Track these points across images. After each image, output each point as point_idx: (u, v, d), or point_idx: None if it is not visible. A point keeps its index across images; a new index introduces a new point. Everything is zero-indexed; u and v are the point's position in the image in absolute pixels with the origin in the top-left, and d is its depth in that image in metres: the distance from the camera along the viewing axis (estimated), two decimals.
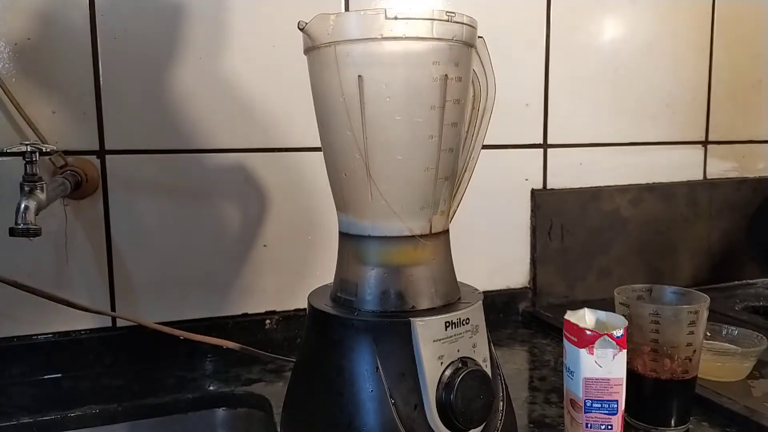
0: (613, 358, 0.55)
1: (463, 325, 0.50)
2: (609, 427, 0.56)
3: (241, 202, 0.85)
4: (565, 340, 0.58)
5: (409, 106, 0.48)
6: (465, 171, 0.58)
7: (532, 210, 1.02)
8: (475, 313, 0.52)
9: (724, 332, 0.78)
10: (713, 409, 0.66)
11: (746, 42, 1.17)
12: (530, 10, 0.99)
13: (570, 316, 0.58)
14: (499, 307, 1.01)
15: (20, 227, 0.59)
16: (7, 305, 0.76)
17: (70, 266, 0.78)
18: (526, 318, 1.01)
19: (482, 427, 0.50)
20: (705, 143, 1.16)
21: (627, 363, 0.56)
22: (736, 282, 1.18)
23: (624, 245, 1.08)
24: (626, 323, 0.57)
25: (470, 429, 0.49)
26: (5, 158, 0.73)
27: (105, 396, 0.73)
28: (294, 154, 0.86)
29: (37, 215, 0.61)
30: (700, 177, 1.17)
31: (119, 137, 0.79)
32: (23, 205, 0.60)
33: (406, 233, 0.51)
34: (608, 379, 0.55)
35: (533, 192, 1.02)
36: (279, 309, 0.88)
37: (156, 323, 0.77)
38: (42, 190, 0.63)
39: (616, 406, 0.56)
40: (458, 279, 0.56)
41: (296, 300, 0.88)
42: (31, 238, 0.59)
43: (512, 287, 1.03)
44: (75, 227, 0.78)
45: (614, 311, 0.62)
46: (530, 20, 0.99)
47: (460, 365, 0.49)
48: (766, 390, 0.71)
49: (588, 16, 1.04)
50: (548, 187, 1.03)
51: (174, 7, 0.79)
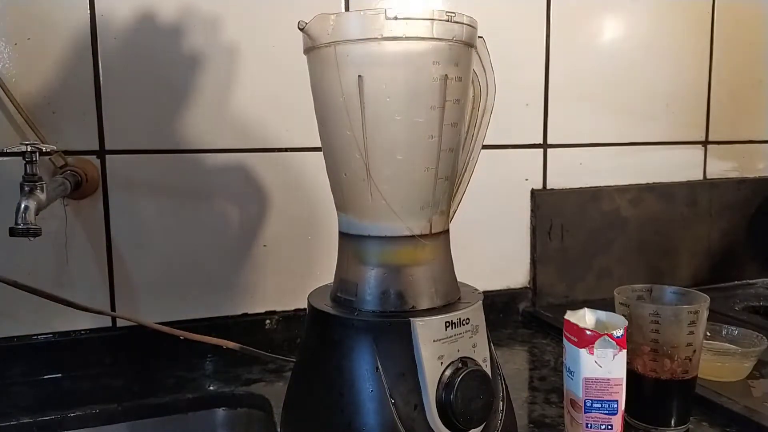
0: (613, 358, 0.55)
1: (463, 325, 0.50)
2: (609, 427, 0.56)
3: (241, 202, 0.85)
4: (565, 340, 0.58)
5: (409, 106, 0.48)
6: (465, 171, 0.58)
7: (532, 210, 1.02)
8: (475, 313, 0.52)
9: (724, 332, 0.78)
10: (713, 409, 0.66)
11: (746, 42, 1.17)
12: (530, 10, 0.99)
13: (570, 316, 0.58)
14: (499, 307, 1.01)
15: (20, 227, 0.59)
16: (7, 305, 0.76)
17: (70, 266, 0.78)
18: (526, 318, 1.01)
19: (482, 427, 0.50)
20: (705, 143, 1.16)
21: (627, 363, 0.56)
22: (736, 282, 1.18)
23: (624, 245, 1.08)
24: (626, 323, 0.57)
25: (470, 429, 0.49)
26: (5, 158, 0.73)
27: (105, 396, 0.73)
28: (294, 154, 0.86)
29: (37, 215, 0.61)
30: (700, 177, 1.17)
31: (119, 137, 0.79)
32: (23, 205, 0.60)
33: (406, 233, 0.51)
34: (608, 379, 0.55)
35: (533, 192, 1.02)
36: (279, 309, 0.88)
37: (156, 323, 0.77)
38: (42, 190, 0.63)
39: (616, 406, 0.56)
40: (458, 279, 0.56)
41: (296, 300, 0.88)
42: (31, 238, 0.59)
43: (512, 287, 1.03)
44: (75, 227, 0.78)
45: (614, 311, 0.62)
46: (530, 20, 0.99)
47: (460, 365, 0.49)
48: (766, 390, 0.71)
49: (588, 16, 1.04)
50: (548, 187, 1.03)
51: (174, 7, 0.79)
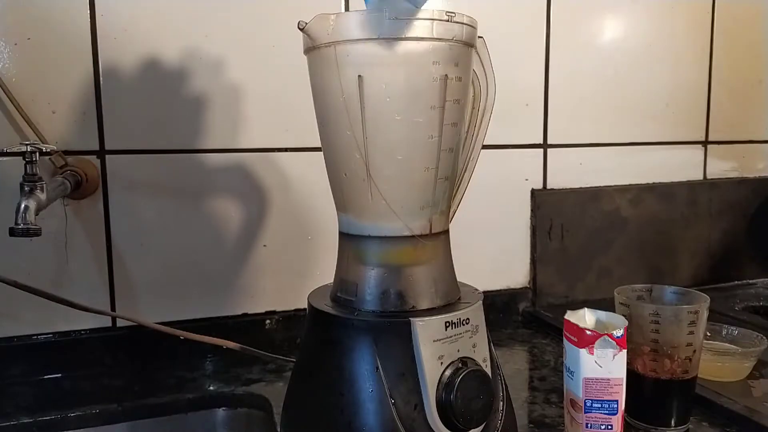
0: (613, 358, 0.55)
1: (463, 325, 0.50)
2: (609, 427, 0.56)
3: (241, 202, 0.85)
4: (565, 340, 0.58)
5: (409, 106, 0.48)
6: (465, 171, 0.58)
7: (532, 210, 1.02)
8: (475, 313, 0.52)
9: (724, 332, 0.78)
10: (713, 409, 0.66)
11: (746, 42, 1.17)
12: (530, 10, 0.99)
13: (570, 316, 0.58)
14: (499, 307, 1.01)
15: (20, 227, 0.59)
16: (7, 305, 0.76)
17: (70, 266, 0.78)
18: (526, 318, 1.01)
19: (482, 427, 0.50)
20: (705, 143, 1.16)
21: (627, 363, 0.56)
22: (736, 282, 1.18)
23: (624, 245, 1.08)
24: (626, 323, 0.57)
25: (470, 429, 0.49)
26: (5, 158, 0.73)
27: (105, 396, 0.73)
28: (294, 154, 0.86)
29: (37, 215, 0.61)
30: (700, 177, 1.17)
31: (119, 137, 0.79)
32: (23, 205, 0.60)
33: (406, 233, 0.51)
34: (608, 379, 0.55)
35: (533, 192, 1.02)
36: (279, 309, 0.88)
37: (156, 323, 0.77)
38: (42, 190, 0.63)
39: (616, 406, 0.56)
40: (458, 279, 0.56)
41: (296, 300, 0.88)
42: (31, 238, 0.59)
43: (512, 287, 1.03)
44: (75, 227, 0.78)
45: (614, 311, 0.62)
46: (530, 20, 0.99)
47: (460, 365, 0.49)
48: (766, 390, 0.71)
49: (588, 16, 1.04)
50: (548, 187, 1.03)
51: (173, 7, 0.79)
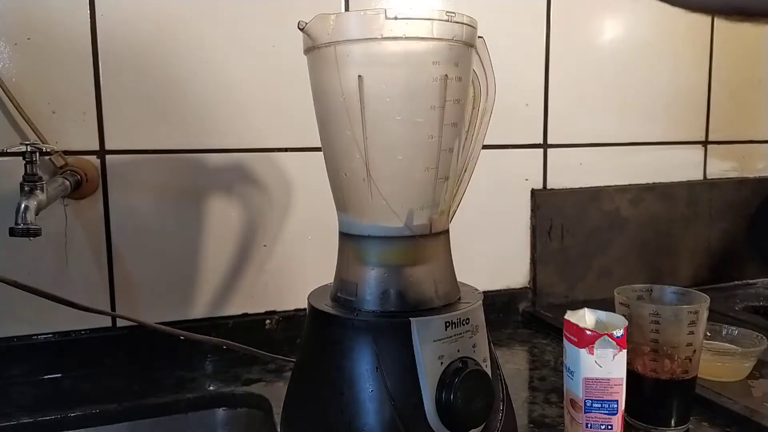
0: (613, 358, 0.55)
1: (463, 325, 0.50)
2: (609, 427, 0.56)
3: (241, 202, 0.85)
4: (565, 340, 0.58)
5: (409, 106, 0.48)
6: (465, 171, 0.58)
7: (532, 210, 1.02)
8: (475, 313, 0.52)
9: (724, 332, 0.78)
10: (713, 409, 0.66)
11: (746, 42, 1.17)
12: (530, 10, 0.99)
13: (570, 316, 0.58)
14: (499, 307, 1.01)
15: (20, 227, 0.59)
16: (7, 305, 0.76)
17: (70, 266, 0.78)
18: (526, 318, 1.01)
19: (482, 427, 0.50)
20: (705, 143, 1.16)
21: (627, 363, 0.56)
22: (736, 282, 1.18)
23: (624, 245, 1.08)
24: (626, 323, 0.57)
25: (470, 429, 0.49)
26: (5, 158, 0.73)
27: (105, 396, 0.73)
28: (293, 154, 0.86)
29: (37, 215, 0.61)
30: (700, 177, 1.17)
31: (119, 137, 0.79)
32: (23, 205, 0.60)
33: (406, 233, 0.51)
34: (608, 379, 0.55)
35: (533, 192, 1.02)
36: (279, 309, 0.88)
37: (156, 323, 0.77)
38: (42, 190, 0.63)
39: (616, 406, 0.56)
40: (458, 279, 0.56)
41: (296, 300, 0.88)
42: (31, 238, 0.59)
43: (512, 287, 1.03)
44: (75, 227, 0.78)
45: (614, 311, 0.62)
46: (530, 20, 0.99)
47: (461, 365, 0.49)
48: (766, 390, 0.71)
49: (588, 16, 1.04)
50: (548, 187, 1.03)
51: (173, 6, 0.79)
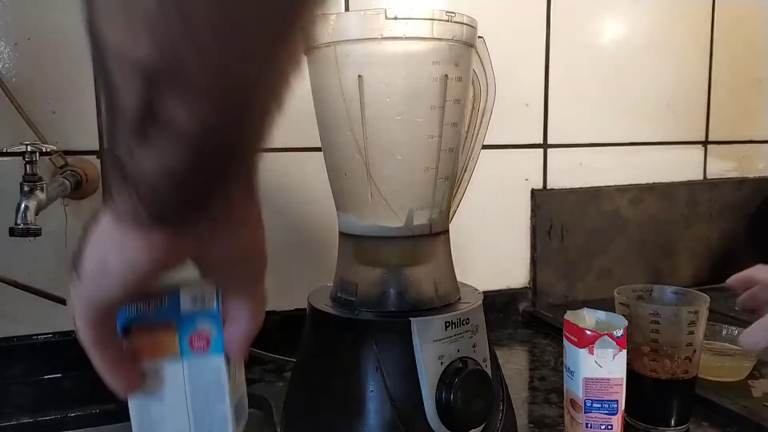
0: (613, 358, 0.55)
1: (463, 325, 0.50)
2: (609, 427, 0.56)
3: None
4: (565, 340, 0.58)
5: (409, 106, 0.48)
6: (465, 171, 0.58)
7: (532, 210, 1.02)
8: (475, 313, 0.52)
9: (724, 332, 0.78)
10: (713, 409, 0.66)
11: (746, 42, 1.17)
12: (530, 10, 0.99)
13: (570, 316, 0.58)
14: (499, 307, 1.01)
15: (20, 227, 0.59)
16: (7, 305, 0.76)
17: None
18: (526, 318, 1.01)
19: (482, 428, 0.50)
20: (705, 143, 1.16)
21: (627, 363, 0.56)
22: None
23: (624, 245, 1.08)
24: (626, 323, 0.57)
25: (470, 429, 0.49)
26: (5, 158, 0.73)
27: (105, 396, 0.72)
28: (294, 154, 0.86)
29: (37, 215, 0.61)
30: (700, 177, 1.16)
31: None
32: (23, 205, 0.60)
33: (406, 233, 0.51)
34: (608, 379, 0.55)
35: (533, 192, 1.02)
36: (279, 309, 0.88)
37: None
38: (42, 190, 0.63)
39: (616, 406, 0.56)
40: (458, 279, 0.56)
41: (296, 300, 0.88)
42: (31, 238, 0.59)
43: (512, 287, 1.02)
44: (75, 227, 0.78)
45: (614, 311, 0.61)
46: (530, 20, 0.99)
47: (460, 365, 0.49)
48: (766, 390, 0.71)
49: (588, 16, 1.03)
50: (548, 187, 1.03)
51: None
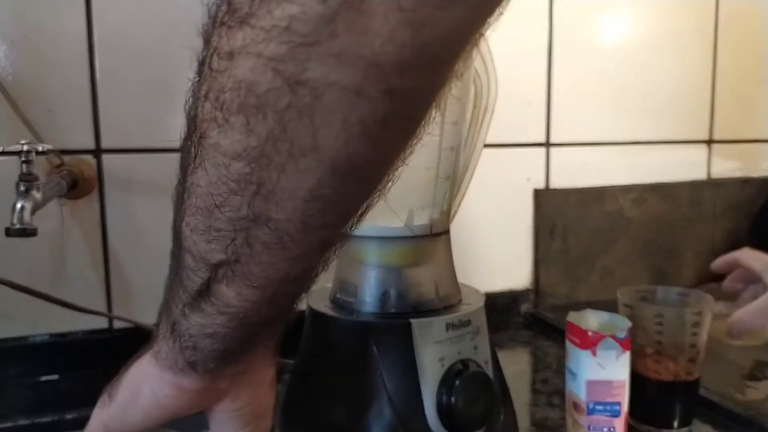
0: (616, 360, 0.55)
1: (465, 327, 0.50)
2: (612, 430, 0.55)
3: None
4: (568, 342, 0.57)
5: None
6: (466, 170, 0.58)
7: (535, 210, 1.01)
8: (477, 315, 0.51)
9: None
10: (717, 411, 0.66)
11: (750, 41, 1.16)
12: (532, 8, 0.98)
13: (572, 318, 0.58)
14: (501, 309, 1.00)
15: (16, 227, 0.58)
16: (3, 306, 0.76)
17: (67, 266, 0.78)
18: (528, 319, 1.00)
19: (483, 430, 0.50)
20: (709, 142, 1.15)
21: (630, 364, 0.55)
22: None
23: (627, 245, 1.07)
24: (629, 324, 0.57)
25: (471, 431, 0.49)
26: (1, 157, 0.72)
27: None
28: None
29: (33, 215, 0.60)
30: (704, 176, 1.16)
31: (116, 136, 0.78)
32: (19, 205, 0.59)
33: (406, 233, 0.50)
34: (611, 381, 0.55)
35: (535, 192, 1.01)
36: None
37: (153, 324, 0.76)
38: (38, 190, 0.63)
39: (619, 408, 0.55)
40: (459, 280, 0.56)
41: None
42: (27, 239, 0.59)
43: (514, 288, 1.02)
44: (71, 227, 0.78)
45: (617, 312, 0.61)
46: (532, 18, 0.99)
47: (461, 367, 0.49)
48: None
49: (591, 15, 1.03)
50: (551, 187, 1.03)
51: (171, 6, 0.79)
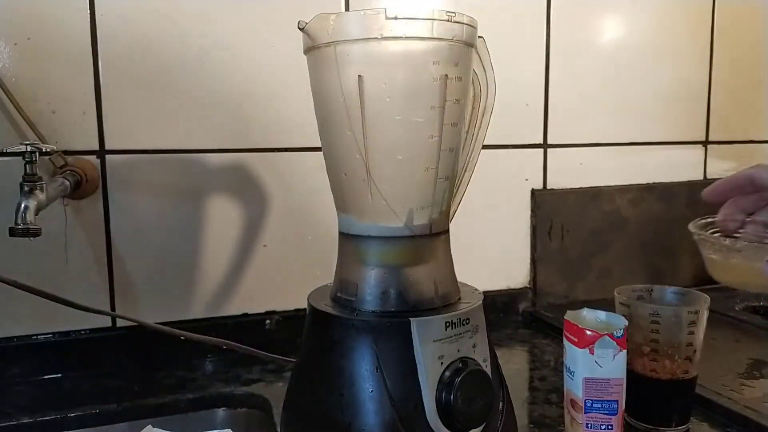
0: (614, 359, 0.55)
1: (464, 325, 0.50)
2: (609, 428, 0.56)
3: (241, 203, 0.85)
4: (566, 340, 0.58)
5: (409, 106, 0.48)
6: (465, 171, 0.58)
7: (533, 210, 1.02)
8: (476, 313, 0.52)
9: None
10: (713, 409, 0.66)
11: (746, 42, 1.17)
12: (530, 10, 0.99)
13: (570, 316, 0.58)
14: (500, 307, 1.01)
15: (20, 227, 0.59)
16: (7, 305, 0.76)
17: (70, 266, 0.78)
18: (527, 318, 1.01)
19: (482, 428, 0.50)
20: (705, 143, 1.16)
21: (627, 363, 0.56)
22: None
23: (624, 245, 1.08)
24: (626, 323, 0.57)
25: (470, 429, 0.49)
26: (5, 158, 0.73)
27: (105, 396, 0.73)
28: (294, 154, 0.86)
29: (37, 215, 0.61)
30: (701, 177, 1.16)
31: (119, 137, 0.79)
32: (23, 205, 0.60)
33: (406, 233, 0.51)
34: (608, 380, 0.55)
35: (533, 192, 1.02)
36: (279, 309, 0.88)
37: (156, 323, 0.76)
38: (42, 190, 0.63)
39: (616, 407, 0.56)
40: (458, 279, 0.56)
41: (296, 300, 0.88)
42: (31, 238, 0.59)
43: (512, 287, 1.02)
44: (75, 227, 0.78)
45: (614, 311, 0.61)
46: (530, 20, 0.99)
47: (461, 365, 0.49)
48: (766, 390, 0.71)
49: (588, 16, 1.03)
50: (548, 187, 1.03)
51: (173, 7, 0.79)
